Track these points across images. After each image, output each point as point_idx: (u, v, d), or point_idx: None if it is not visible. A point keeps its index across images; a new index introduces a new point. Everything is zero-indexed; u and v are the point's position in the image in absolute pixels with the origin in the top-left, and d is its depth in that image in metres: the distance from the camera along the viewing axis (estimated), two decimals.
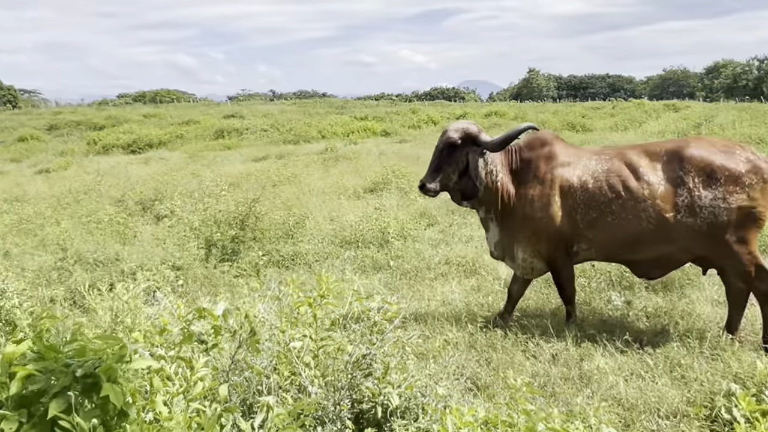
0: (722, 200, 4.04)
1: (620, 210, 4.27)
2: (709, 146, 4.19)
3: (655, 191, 4.20)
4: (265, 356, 2.82)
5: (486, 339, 4.43)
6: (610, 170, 4.35)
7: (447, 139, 4.62)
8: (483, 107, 38.60)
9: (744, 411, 3.09)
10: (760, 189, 4.03)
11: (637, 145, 4.55)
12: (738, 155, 4.11)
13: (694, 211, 4.10)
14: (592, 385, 3.72)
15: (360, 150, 17.63)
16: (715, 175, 4.06)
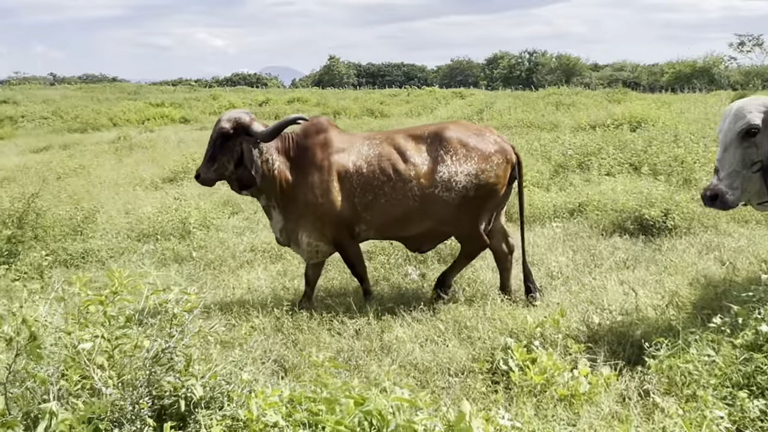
0: (474, 177, 4.58)
1: (392, 191, 4.62)
2: (465, 129, 4.77)
3: (420, 171, 4.60)
4: (51, 362, 2.59)
5: (292, 322, 4.51)
6: (381, 154, 4.67)
7: (219, 129, 4.63)
8: (286, 94, 38.52)
9: (518, 361, 3.54)
10: (503, 168, 4.67)
11: (402, 130, 4.98)
12: (488, 137, 4.72)
13: (450, 186, 4.58)
14: (392, 354, 3.98)
15: (157, 138, 16.65)
16: (470, 154, 4.58)
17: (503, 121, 15.82)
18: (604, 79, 56.00)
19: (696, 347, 3.37)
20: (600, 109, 17.28)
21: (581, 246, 6.03)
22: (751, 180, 3.60)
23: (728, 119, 3.61)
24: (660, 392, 3.24)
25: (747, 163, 3.57)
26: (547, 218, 7.00)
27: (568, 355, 3.66)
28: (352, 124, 18.84)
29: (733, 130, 3.57)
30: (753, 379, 3.05)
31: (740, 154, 3.57)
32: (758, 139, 3.55)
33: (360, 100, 28.83)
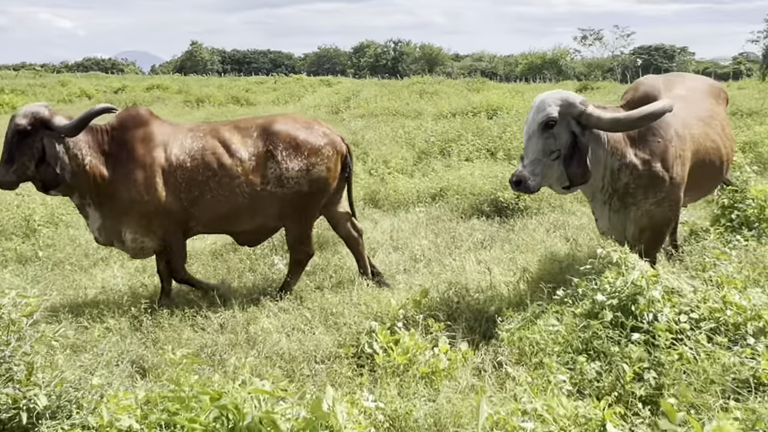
0: (306, 171, 4.51)
1: (218, 187, 4.44)
2: (293, 122, 4.67)
3: (248, 166, 4.46)
4: None
5: (152, 320, 4.29)
6: (205, 148, 4.47)
7: (15, 126, 4.20)
8: (144, 80, 36.30)
9: (382, 343, 3.63)
10: (334, 160, 4.65)
11: (229, 122, 4.83)
12: (317, 130, 4.66)
13: (282, 182, 4.48)
14: (258, 345, 3.91)
15: None
16: (300, 148, 4.49)
17: (369, 109, 16.05)
18: (465, 69, 58.60)
19: (543, 319, 3.64)
20: (460, 97, 18.07)
21: (443, 229, 6.29)
22: (552, 167, 3.86)
23: (532, 111, 3.85)
24: (512, 363, 3.47)
25: (547, 152, 3.81)
26: (411, 203, 7.22)
27: (429, 334, 3.81)
28: (216, 113, 18.19)
29: (535, 121, 3.82)
30: (590, 344, 3.34)
31: (541, 144, 3.80)
32: (556, 130, 3.80)
33: (225, 88, 27.91)
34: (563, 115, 3.79)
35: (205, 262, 5.57)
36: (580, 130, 3.80)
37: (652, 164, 3.98)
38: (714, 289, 3.71)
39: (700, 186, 4.48)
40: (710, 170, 4.45)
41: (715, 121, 4.49)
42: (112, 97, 24.46)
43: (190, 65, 76.47)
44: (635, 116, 3.75)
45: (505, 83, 33.96)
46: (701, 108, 4.48)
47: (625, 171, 3.99)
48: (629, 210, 4.11)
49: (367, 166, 8.65)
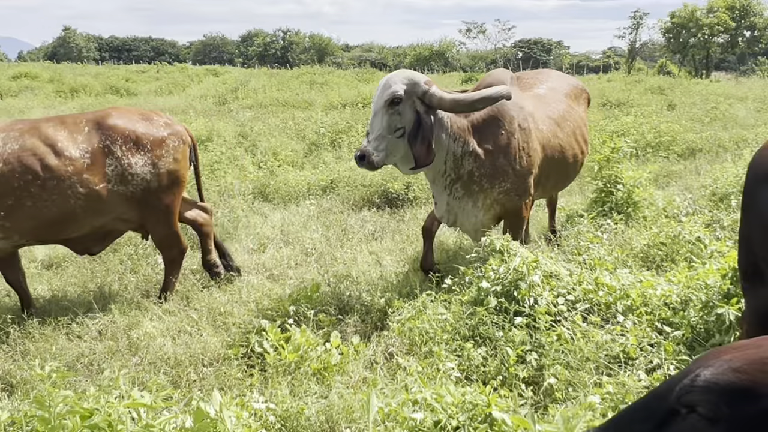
0: (152, 166, 4.20)
1: (41, 192, 3.95)
2: (129, 114, 4.29)
3: (81, 166, 4.02)
4: None
5: (20, 331, 3.94)
6: (23, 149, 3.93)
7: None
8: (10, 68, 33.17)
9: (272, 342, 3.54)
10: (181, 151, 4.35)
11: (53, 118, 4.28)
12: (157, 121, 4.32)
13: (125, 179, 4.11)
14: (140, 351, 3.69)
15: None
16: (141, 142, 4.13)
17: (258, 100, 15.68)
18: (355, 60, 58.79)
19: (431, 308, 3.71)
20: (351, 88, 18.06)
21: (334, 221, 6.26)
22: (397, 145, 3.94)
23: (378, 89, 3.93)
24: (402, 353, 3.51)
25: (392, 128, 3.89)
26: (301, 197, 7.12)
27: (320, 329, 3.77)
28: (93, 103, 17.01)
29: (381, 98, 3.88)
30: (477, 330, 3.45)
31: (386, 121, 3.88)
32: (401, 107, 3.88)
33: (102, 77, 26.16)
34: (408, 93, 3.88)
35: (81, 265, 5.19)
36: (424, 109, 3.92)
37: (495, 155, 4.12)
38: (588, 271, 3.95)
39: (550, 180, 4.63)
40: (559, 167, 4.61)
41: (568, 122, 4.67)
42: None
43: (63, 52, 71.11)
44: (474, 98, 3.87)
45: None
46: (556, 108, 4.65)
47: (468, 158, 4.12)
48: (477, 197, 4.24)
49: (257, 159, 8.43)
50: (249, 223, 6.10)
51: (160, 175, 4.20)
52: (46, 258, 5.45)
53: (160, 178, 4.21)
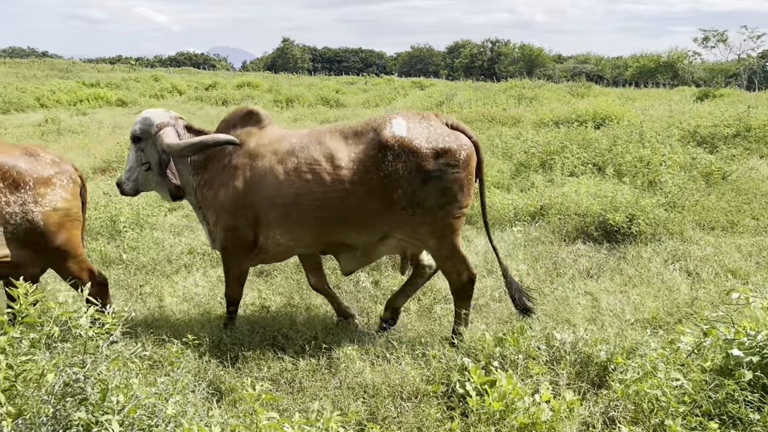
0: (33, 203, 3.95)
1: None
2: (10, 149, 4.03)
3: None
4: None
5: (231, 336, 4.28)
6: None
7: None
8: (235, 77, 37.74)
9: (475, 384, 3.41)
10: (71, 189, 4.10)
11: None
12: (43, 158, 4.07)
13: (2, 217, 3.88)
14: (339, 373, 3.80)
15: (89, 122, 15.99)
16: (22, 179, 3.90)
17: (463, 115, 15.81)
18: (567, 72, 57.02)
19: (664, 371, 3.30)
20: (563, 103, 17.48)
21: (543, 253, 5.97)
22: (146, 177, 4.51)
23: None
24: (626, 420, 3.16)
25: (139, 162, 4.49)
26: (507, 222, 6.93)
27: (528, 377, 3.56)
28: (306, 113, 18.53)
29: (130, 133, 4.52)
30: (724, 407, 2.99)
31: (134, 155, 4.51)
32: (142, 145, 4.45)
33: (315, 88, 28.49)
34: (145, 134, 4.43)
35: (288, 275, 5.55)
36: (161, 148, 4.38)
37: (205, 189, 4.39)
38: None
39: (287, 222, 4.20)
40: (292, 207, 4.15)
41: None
42: (203, 94, 25.51)
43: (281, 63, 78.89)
44: (181, 146, 4.25)
45: (613, 88, 32.68)
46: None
47: (201, 189, 4.42)
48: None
49: None
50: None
51: (46, 215, 3.96)
52: (258, 266, 5.92)
53: (46, 218, 3.97)
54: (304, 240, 4.23)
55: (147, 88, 27.05)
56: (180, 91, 27.34)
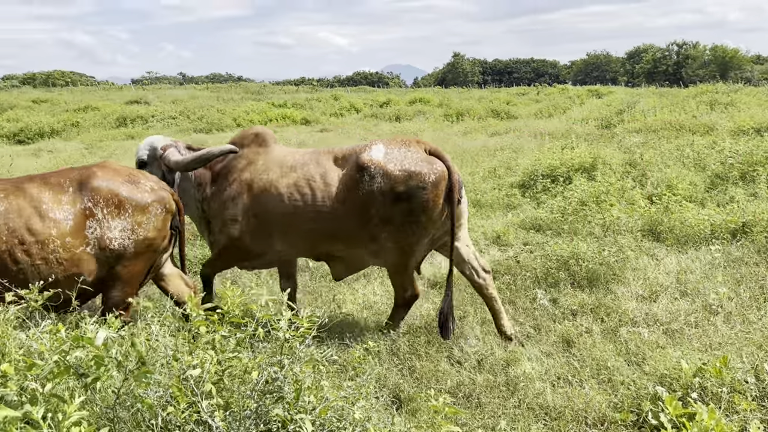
0: (130, 231, 4.00)
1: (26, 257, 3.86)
2: (115, 174, 4.08)
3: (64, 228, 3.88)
4: (159, 387, 2.61)
5: (409, 346, 4.36)
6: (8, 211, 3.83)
7: None
8: (407, 93, 38.82)
9: (671, 416, 3.15)
10: (162, 218, 4.07)
11: (37, 176, 4.12)
12: (143, 185, 4.08)
13: (103, 241, 3.92)
14: (518, 392, 3.70)
15: (278, 140, 17.26)
16: (123, 205, 3.96)
17: (647, 123, 14.81)
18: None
19: None
20: (765, 108, 15.73)
21: (747, 275, 5.38)
22: None
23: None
24: None
25: None
26: (702, 240, 6.35)
27: (735, 413, 3.21)
28: (476, 126, 18.53)
29: (135, 160, 4.88)
30: None
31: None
32: (149, 169, 4.81)
33: (485, 100, 28.40)
34: (151, 158, 4.86)
35: (461, 288, 5.55)
36: (166, 169, 4.81)
37: (212, 201, 4.80)
38: None
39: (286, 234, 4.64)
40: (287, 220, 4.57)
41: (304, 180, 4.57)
42: (378, 111, 26.52)
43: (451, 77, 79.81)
44: (188, 160, 4.63)
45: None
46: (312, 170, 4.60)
47: (206, 203, 4.85)
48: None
49: (647, 191, 7.88)
50: (638, 265, 5.69)
51: (136, 242, 4.01)
52: (432, 276, 5.99)
53: (136, 245, 4.02)
54: (299, 248, 4.75)
55: (327, 107, 28.70)
56: (357, 108, 28.66)
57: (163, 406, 2.54)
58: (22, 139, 20.31)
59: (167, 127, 23.10)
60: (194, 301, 2.87)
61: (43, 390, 2.44)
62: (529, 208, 8.05)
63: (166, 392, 2.62)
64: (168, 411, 2.51)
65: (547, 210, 7.38)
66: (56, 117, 23.90)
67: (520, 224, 7.38)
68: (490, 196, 8.50)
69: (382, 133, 18.75)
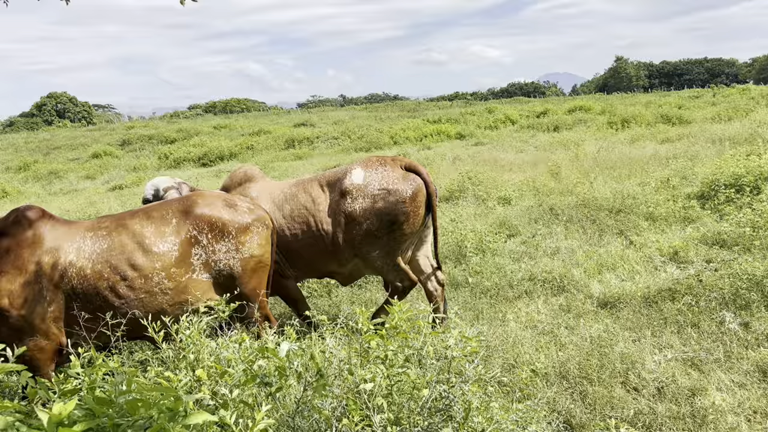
0: (235, 251, 4.34)
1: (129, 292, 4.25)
2: (213, 200, 4.41)
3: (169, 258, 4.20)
4: (335, 399, 2.71)
5: (579, 369, 4.16)
6: (111, 248, 4.08)
7: None
8: (566, 102, 37.55)
9: None
10: (264, 236, 4.41)
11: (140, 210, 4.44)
12: (240, 207, 4.43)
13: (209, 265, 4.25)
14: (707, 426, 3.39)
15: (433, 155, 17.47)
16: (226, 228, 4.28)
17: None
18: None
19: None
20: None
21: None
22: None
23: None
24: None
25: None
26: None
27: None
28: (644, 134, 17.45)
29: (142, 199, 5.24)
30: None
31: None
32: None
33: (653, 105, 26.70)
34: (155, 197, 5.17)
35: (635, 309, 5.21)
36: None
37: None
38: None
39: None
40: None
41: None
42: (534, 122, 25.94)
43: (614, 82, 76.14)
44: None
45: None
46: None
47: None
48: None
49: None
50: None
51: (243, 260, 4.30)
52: (601, 295, 5.68)
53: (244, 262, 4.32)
54: (304, 271, 5.19)
55: (482, 121, 28.56)
56: (512, 120, 28.21)
57: (338, 418, 2.63)
58: (205, 161, 22.44)
59: (330, 147, 24.31)
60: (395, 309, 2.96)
61: (232, 396, 2.63)
62: (710, 222, 7.40)
63: (340, 404, 2.72)
64: (343, 423, 2.60)
65: (733, 223, 6.72)
66: (234, 141, 26.13)
67: (701, 239, 6.79)
68: (664, 209, 7.92)
69: (540, 145, 18.28)
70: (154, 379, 2.78)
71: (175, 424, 1.76)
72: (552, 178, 11.07)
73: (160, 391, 1.96)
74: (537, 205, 9.28)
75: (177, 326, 3.35)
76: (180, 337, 3.36)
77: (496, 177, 11.51)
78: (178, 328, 3.35)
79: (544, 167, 12.40)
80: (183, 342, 3.31)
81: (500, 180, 11.30)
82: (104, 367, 2.34)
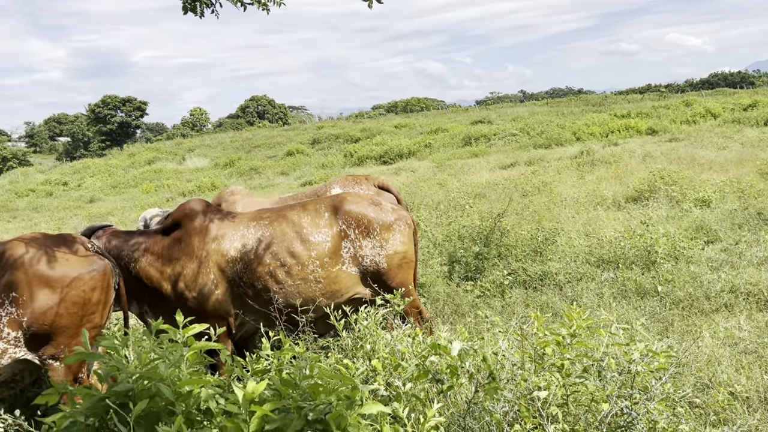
0: (380, 248, 4.60)
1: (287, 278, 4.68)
2: (359, 199, 4.73)
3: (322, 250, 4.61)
4: (507, 403, 2.66)
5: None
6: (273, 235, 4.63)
7: None
8: None
9: None
10: (407, 234, 4.66)
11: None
12: (385, 206, 4.74)
13: (357, 259, 4.58)
14: None
15: (621, 152, 16.49)
16: (372, 226, 4.59)
17: None
18: None
19: None
20: None
21: None
22: None
23: None
24: None
25: None
26: None
27: None
28: None
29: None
30: None
31: None
32: None
33: None
34: (145, 227, 5.49)
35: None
36: None
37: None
38: None
39: None
40: None
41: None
42: (740, 116, 23.46)
43: None
44: None
45: None
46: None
47: None
48: None
49: None
50: None
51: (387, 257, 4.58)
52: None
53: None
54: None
55: (677, 115, 26.39)
56: (714, 114, 25.72)
57: (509, 423, 2.58)
58: (386, 159, 23.26)
59: (507, 144, 23.97)
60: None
61: (404, 389, 2.69)
62: None
63: (512, 409, 2.66)
64: (515, 429, 2.55)
65: None
66: (412, 139, 26.79)
67: None
68: None
69: (747, 141, 16.48)
70: (334, 365, 2.93)
71: (351, 412, 1.84)
72: (761, 178, 9.93)
73: (339, 378, 2.05)
74: (742, 208, 8.37)
75: (355, 316, 3.51)
76: (358, 327, 3.50)
77: (693, 176, 10.59)
78: (357, 318, 3.50)
79: (751, 166, 11.18)
80: (360, 332, 3.45)
81: (698, 180, 10.38)
82: (291, 351, 2.51)
